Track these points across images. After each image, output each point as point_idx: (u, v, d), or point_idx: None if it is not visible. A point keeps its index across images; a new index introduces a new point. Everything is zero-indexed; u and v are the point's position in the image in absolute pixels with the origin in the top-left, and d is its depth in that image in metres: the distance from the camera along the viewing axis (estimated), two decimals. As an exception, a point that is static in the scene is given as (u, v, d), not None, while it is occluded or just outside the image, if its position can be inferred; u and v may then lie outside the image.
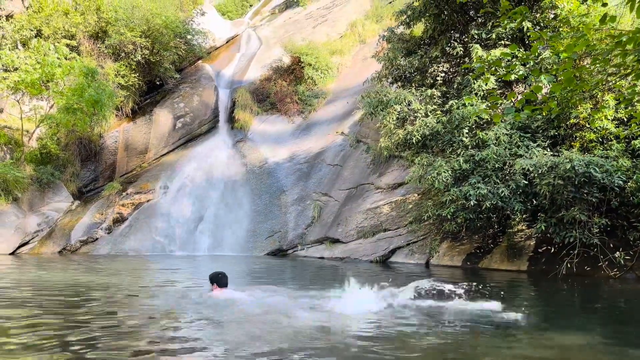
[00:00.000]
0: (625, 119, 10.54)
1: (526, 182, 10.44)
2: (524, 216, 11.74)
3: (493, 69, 10.97)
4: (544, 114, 10.81)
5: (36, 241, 15.53)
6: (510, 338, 5.19)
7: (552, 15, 12.19)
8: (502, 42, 12.19)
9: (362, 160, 17.95)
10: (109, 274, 10.83)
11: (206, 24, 24.69)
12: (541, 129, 11.35)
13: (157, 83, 22.00)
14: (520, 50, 10.62)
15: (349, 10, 28.44)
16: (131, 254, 16.11)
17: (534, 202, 10.89)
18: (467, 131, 11.63)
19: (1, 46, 16.81)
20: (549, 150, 10.79)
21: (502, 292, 7.75)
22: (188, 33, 22.51)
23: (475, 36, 12.53)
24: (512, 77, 10.62)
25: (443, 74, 13.69)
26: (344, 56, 25.04)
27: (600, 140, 10.86)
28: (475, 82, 11.76)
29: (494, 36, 12.05)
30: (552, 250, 11.44)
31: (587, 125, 10.88)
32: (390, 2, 25.90)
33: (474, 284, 7.76)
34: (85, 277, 10.04)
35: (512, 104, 11.31)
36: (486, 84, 11.59)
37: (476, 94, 11.77)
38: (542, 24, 12.25)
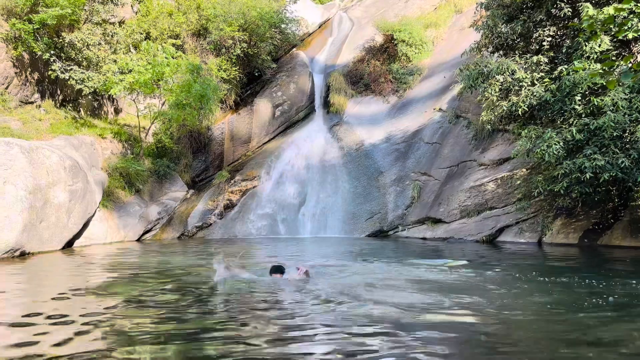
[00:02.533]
0: None
1: (651, 150, 9.49)
2: (649, 187, 10.71)
3: (606, 27, 10.01)
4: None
5: (157, 228, 17.01)
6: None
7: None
8: (617, -3, 11.05)
9: (462, 137, 17.33)
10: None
11: (298, 11, 25.07)
12: (668, 90, 10.20)
13: (256, 74, 22.85)
14: (638, 4, 9.56)
15: (443, -20, 27.24)
16: (240, 237, 17.11)
17: (662, 171, 9.87)
18: (579, 98, 10.78)
19: (116, 51, 18.35)
20: (678, 113, 9.69)
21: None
22: (282, 22, 23.03)
23: (585, -7, 11.47)
24: (630, 35, 9.63)
25: (550, 39, 12.73)
26: (439, 29, 24.14)
27: None
28: (586, 44, 10.81)
29: (607, -9, 10.98)
30: (686, 224, 10.35)
31: None
32: (487, -33, 24.39)
33: None
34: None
35: (629, 66, 10.25)
36: (599, 45, 10.61)
37: (588, 57, 10.82)
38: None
